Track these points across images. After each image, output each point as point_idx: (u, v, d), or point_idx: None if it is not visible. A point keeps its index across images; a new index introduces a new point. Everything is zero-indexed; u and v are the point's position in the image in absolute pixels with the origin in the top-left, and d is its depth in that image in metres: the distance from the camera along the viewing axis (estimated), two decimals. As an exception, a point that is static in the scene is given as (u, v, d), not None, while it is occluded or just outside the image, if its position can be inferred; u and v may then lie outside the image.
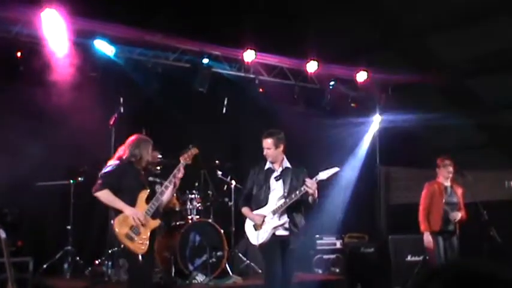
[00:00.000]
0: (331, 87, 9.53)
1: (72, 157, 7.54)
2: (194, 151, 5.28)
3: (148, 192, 5.09)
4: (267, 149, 5.35)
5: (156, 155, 5.38)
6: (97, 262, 7.30)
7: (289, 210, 5.27)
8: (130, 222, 4.93)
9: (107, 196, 4.96)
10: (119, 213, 4.97)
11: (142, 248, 4.92)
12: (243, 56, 8.49)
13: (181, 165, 5.18)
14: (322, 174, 5.17)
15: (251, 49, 8.41)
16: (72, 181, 7.39)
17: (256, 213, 5.36)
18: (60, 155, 7.48)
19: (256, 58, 8.58)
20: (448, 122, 9.37)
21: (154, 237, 5.14)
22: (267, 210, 5.31)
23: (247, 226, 5.47)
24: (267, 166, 5.44)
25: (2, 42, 7.06)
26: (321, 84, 9.55)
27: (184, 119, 8.46)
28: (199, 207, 7.61)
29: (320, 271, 8.40)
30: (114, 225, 4.98)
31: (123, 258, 6.67)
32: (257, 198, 5.40)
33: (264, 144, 5.37)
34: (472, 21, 8.30)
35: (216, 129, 9.01)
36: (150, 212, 5.03)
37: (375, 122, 10.22)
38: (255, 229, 5.36)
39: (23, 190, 7.13)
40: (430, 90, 9.71)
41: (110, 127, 6.97)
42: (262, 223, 5.29)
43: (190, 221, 7.29)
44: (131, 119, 7.27)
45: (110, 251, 6.95)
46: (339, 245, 8.67)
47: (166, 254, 7.13)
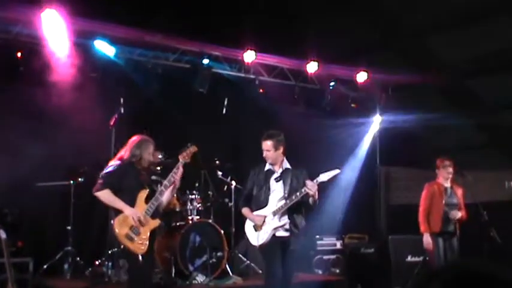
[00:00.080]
0: (331, 88, 9.53)
1: (72, 157, 7.54)
2: (193, 149, 5.25)
3: (147, 191, 5.08)
4: (267, 151, 5.34)
5: (157, 155, 5.36)
6: (97, 263, 7.30)
7: (290, 211, 5.27)
8: (130, 222, 4.92)
9: (107, 196, 4.97)
10: (119, 213, 4.98)
11: (142, 248, 4.92)
12: (243, 56, 8.49)
13: (180, 164, 5.15)
14: (323, 176, 5.17)
15: (251, 49, 8.41)
16: (72, 181, 7.39)
17: (257, 214, 5.35)
18: (60, 155, 7.48)
19: (256, 58, 8.58)
20: (448, 122, 9.37)
21: (154, 237, 5.14)
22: (267, 211, 5.30)
23: (247, 227, 5.47)
24: (267, 167, 5.43)
25: (2, 42, 7.07)
26: (321, 84, 9.55)
27: (185, 119, 8.46)
28: (200, 208, 7.60)
29: (320, 271, 8.40)
30: (114, 225, 4.98)
31: (123, 258, 6.67)
32: (257, 199, 5.39)
33: (263, 146, 5.35)
34: (472, 22, 8.29)
35: (216, 130, 9.01)
36: (150, 211, 5.02)
37: (375, 122, 10.22)
38: (255, 230, 5.35)
39: (23, 190, 7.13)
40: (430, 90, 9.71)
41: (110, 127, 6.97)
42: (262, 224, 5.29)
43: (190, 222, 7.29)
44: (131, 120, 7.27)
45: (110, 252, 6.95)
46: (339, 245, 8.67)
47: (166, 254, 7.13)
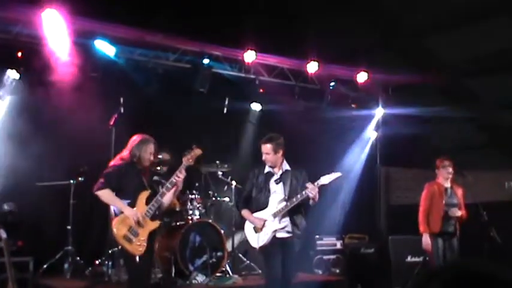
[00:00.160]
0: (331, 88, 9.52)
1: (72, 157, 7.53)
2: (197, 152, 5.18)
3: (148, 193, 5.07)
4: (266, 154, 5.32)
5: (157, 154, 5.32)
6: (97, 262, 7.30)
7: (290, 213, 5.26)
8: (129, 223, 4.92)
9: (107, 196, 4.97)
10: (119, 213, 4.98)
11: (140, 249, 4.91)
12: (243, 56, 8.49)
13: (183, 167, 5.10)
14: (324, 179, 5.16)
15: (251, 49, 8.41)
16: (72, 181, 7.38)
17: (257, 216, 5.34)
18: (60, 155, 7.49)
19: (256, 58, 8.58)
20: (448, 122, 9.37)
21: (152, 238, 5.12)
22: (267, 213, 5.30)
23: (247, 228, 5.46)
24: (267, 170, 5.41)
25: (2, 42, 7.07)
26: (322, 84, 9.55)
27: (185, 119, 8.46)
28: (200, 208, 7.60)
29: (320, 272, 8.39)
30: (112, 225, 4.98)
31: (122, 258, 6.67)
32: (257, 201, 5.38)
33: (263, 149, 5.33)
34: (472, 22, 8.29)
35: (217, 130, 9.01)
36: (150, 213, 5.01)
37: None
38: (255, 231, 5.35)
39: (24, 190, 7.13)
40: (430, 90, 9.71)
41: (110, 127, 6.96)
42: (262, 226, 5.28)
43: (190, 221, 7.29)
44: (131, 119, 7.26)
45: (110, 251, 6.95)
46: (339, 245, 8.66)
47: (166, 254, 7.12)
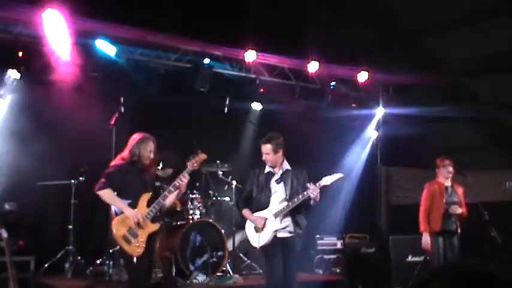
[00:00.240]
0: (332, 88, 9.52)
1: (73, 157, 7.54)
2: (202, 157, 5.20)
3: (150, 195, 5.07)
4: (266, 154, 5.31)
5: (156, 152, 5.27)
6: (98, 262, 7.30)
7: (292, 213, 5.25)
8: (129, 223, 4.92)
9: (108, 195, 4.97)
10: (120, 213, 4.98)
11: (138, 251, 4.91)
12: (244, 56, 8.50)
13: (188, 171, 5.11)
14: (326, 180, 5.15)
15: (252, 49, 8.41)
16: (73, 181, 7.39)
17: (258, 216, 5.34)
18: (61, 154, 7.49)
19: (257, 58, 8.58)
20: (449, 122, 9.37)
21: (152, 240, 5.11)
22: (268, 212, 5.29)
23: (248, 228, 5.45)
24: (267, 169, 5.40)
25: (3, 42, 7.08)
26: (322, 84, 9.55)
27: (185, 119, 8.46)
28: (200, 207, 7.61)
29: (321, 271, 8.40)
30: (112, 225, 4.98)
31: (123, 258, 6.67)
32: (258, 201, 5.37)
33: (262, 149, 5.32)
34: (472, 22, 8.30)
35: (217, 129, 9.01)
36: (150, 215, 5.01)
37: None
38: (256, 231, 5.35)
39: (25, 189, 7.14)
40: (430, 90, 9.71)
41: (111, 127, 6.97)
42: (263, 226, 5.28)
43: (191, 221, 7.29)
44: (132, 119, 7.27)
45: (111, 251, 6.95)
46: (339, 245, 8.66)
47: (167, 253, 7.13)
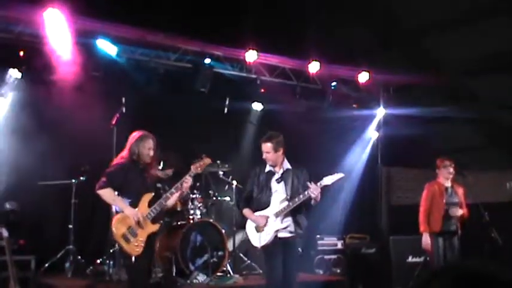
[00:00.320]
0: (333, 88, 9.53)
1: (74, 156, 7.54)
2: (207, 161, 5.24)
3: (152, 195, 5.09)
4: (266, 153, 5.31)
5: (156, 150, 5.27)
6: (98, 261, 7.30)
7: (292, 212, 5.25)
8: (129, 222, 4.93)
9: (108, 195, 4.98)
10: (120, 212, 4.99)
11: (137, 250, 4.91)
12: (244, 56, 8.50)
13: (191, 174, 5.14)
14: (327, 180, 5.15)
15: (253, 49, 8.41)
16: (74, 180, 7.39)
17: (259, 215, 5.34)
18: (62, 154, 7.50)
19: (258, 58, 8.58)
20: (449, 122, 9.36)
21: (151, 241, 5.11)
22: (269, 212, 5.29)
23: (249, 228, 5.45)
24: (268, 169, 5.40)
25: (4, 41, 7.08)
26: (323, 84, 9.55)
27: (186, 119, 8.46)
28: (201, 207, 7.61)
29: (321, 272, 8.39)
30: (112, 223, 5.00)
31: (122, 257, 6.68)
32: (259, 201, 5.37)
33: (263, 148, 5.33)
34: (472, 22, 8.30)
35: (218, 129, 9.01)
36: (151, 216, 5.02)
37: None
38: (257, 231, 5.34)
39: (26, 189, 7.15)
40: (431, 90, 9.71)
41: (112, 127, 6.97)
42: (264, 225, 5.28)
43: (191, 221, 7.29)
44: (133, 119, 7.27)
45: (111, 250, 6.95)
46: (340, 245, 8.66)
47: (167, 253, 7.13)
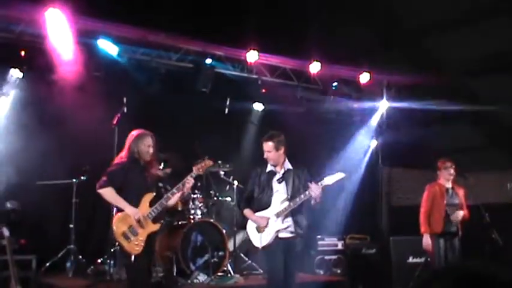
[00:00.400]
0: (334, 89, 9.53)
1: (75, 156, 7.55)
2: (208, 163, 5.26)
3: (153, 195, 5.11)
4: (268, 152, 5.30)
5: (156, 147, 5.28)
6: (99, 261, 7.31)
7: (293, 213, 5.25)
8: (130, 221, 4.94)
9: (109, 194, 4.99)
10: (121, 211, 5.00)
11: (137, 249, 4.92)
12: (246, 56, 8.51)
13: (192, 175, 5.16)
14: (328, 180, 5.15)
15: (254, 50, 8.42)
16: (74, 180, 7.40)
17: (260, 216, 5.34)
18: (63, 154, 7.51)
19: (259, 59, 8.59)
20: (450, 123, 9.36)
21: (151, 240, 5.12)
22: (270, 212, 5.29)
23: (250, 228, 5.45)
24: (269, 169, 5.40)
25: (5, 41, 7.09)
26: (324, 85, 9.56)
27: (187, 119, 8.47)
28: (202, 207, 7.61)
29: (321, 272, 8.40)
30: (113, 222, 5.01)
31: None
32: (259, 201, 5.37)
33: (264, 147, 5.32)
34: (472, 22, 8.31)
35: (219, 129, 9.01)
36: (152, 215, 5.04)
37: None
38: (258, 231, 5.34)
39: (27, 188, 7.15)
40: (431, 91, 9.71)
41: (113, 126, 6.98)
42: (265, 225, 5.28)
43: (192, 221, 7.30)
44: (134, 119, 7.27)
45: (112, 250, 6.95)
46: (340, 246, 8.66)
47: (168, 253, 7.13)
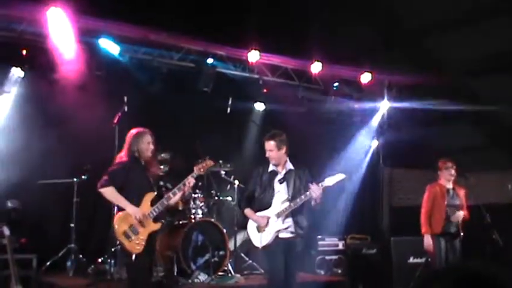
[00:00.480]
0: (335, 89, 9.53)
1: (76, 155, 7.55)
2: (209, 163, 5.27)
3: (154, 195, 5.11)
4: (270, 151, 5.30)
5: (156, 144, 5.29)
6: (100, 260, 7.31)
7: (294, 213, 5.25)
8: (131, 221, 4.95)
9: (110, 193, 5.00)
10: (122, 210, 5.01)
11: (138, 248, 4.93)
12: (247, 56, 8.50)
13: (193, 175, 5.18)
14: (328, 181, 5.15)
15: (255, 49, 8.42)
16: (75, 179, 7.41)
17: (260, 215, 5.33)
18: (64, 153, 7.51)
19: (260, 58, 8.59)
20: (451, 123, 9.35)
21: (152, 239, 5.13)
22: (270, 212, 5.29)
23: (250, 228, 5.45)
24: (271, 168, 5.39)
25: (7, 40, 7.09)
26: (325, 85, 9.55)
27: (188, 118, 8.47)
28: (202, 207, 7.61)
29: (322, 272, 8.40)
30: (114, 220, 5.02)
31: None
32: (260, 201, 5.36)
33: (266, 146, 5.32)
34: (473, 22, 8.31)
35: (220, 129, 9.01)
36: (153, 214, 5.05)
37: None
38: (258, 231, 5.34)
39: (27, 188, 7.16)
40: (432, 91, 9.70)
41: (114, 126, 6.98)
42: (265, 225, 5.28)
43: (193, 220, 7.30)
44: (135, 118, 7.27)
45: (113, 249, 6.96)
46: (341, 246, 8.66)
47: (168, 253, 7.13)
